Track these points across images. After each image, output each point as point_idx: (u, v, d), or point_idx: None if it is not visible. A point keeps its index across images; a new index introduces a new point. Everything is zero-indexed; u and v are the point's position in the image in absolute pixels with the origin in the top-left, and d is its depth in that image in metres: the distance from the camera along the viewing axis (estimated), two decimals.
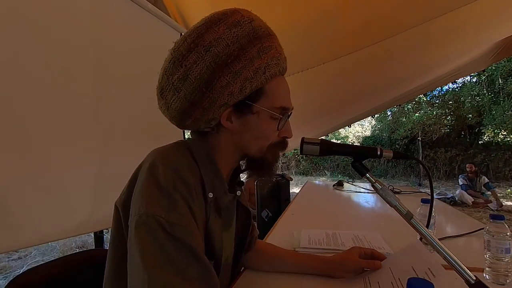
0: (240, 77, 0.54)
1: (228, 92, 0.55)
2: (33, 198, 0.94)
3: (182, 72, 0.54)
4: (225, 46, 0.53)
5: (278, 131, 0.63)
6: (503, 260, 0.74)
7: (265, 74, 0.57)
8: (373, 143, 12.91)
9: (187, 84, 0.55)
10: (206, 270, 0.51)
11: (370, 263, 0.75)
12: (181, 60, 0.54)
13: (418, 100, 11.84)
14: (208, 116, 0.58)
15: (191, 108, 0.57)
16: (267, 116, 0.60)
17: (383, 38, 1.92)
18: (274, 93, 0.60)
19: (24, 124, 0.92)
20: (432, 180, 0.68)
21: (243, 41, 0.54)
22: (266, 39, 0.57)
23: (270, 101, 0.59)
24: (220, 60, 0.53)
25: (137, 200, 0.52)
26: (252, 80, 0.55)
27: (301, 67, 2.08)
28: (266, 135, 0.62)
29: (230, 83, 0.54)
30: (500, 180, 9.50)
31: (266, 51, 0.56)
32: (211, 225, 0.59)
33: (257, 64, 0.55)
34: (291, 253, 0.86)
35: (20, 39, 0.91)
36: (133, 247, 0.49)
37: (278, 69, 0.59)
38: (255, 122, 0.60)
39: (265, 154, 0.63)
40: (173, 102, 0.57)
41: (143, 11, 1.40)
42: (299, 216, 1.62)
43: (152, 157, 0.56)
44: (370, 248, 0.80)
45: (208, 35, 0.53)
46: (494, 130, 10.63)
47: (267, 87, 0.59)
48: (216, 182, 0.60)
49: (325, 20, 1.67)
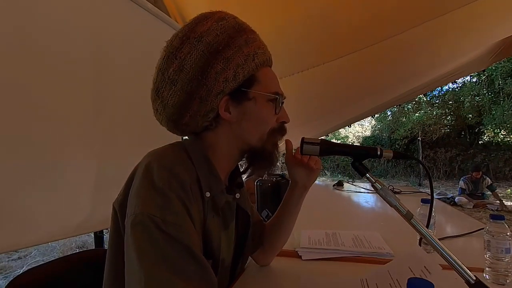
0: (232, 63, 0.57)
1: (223, 79, 0.57)
2: (33, 198, 0.94)
3: (177, 63, 0.57)
4: (215, 35, 0.57)
5: (276, 115, 0.64)
6: (503, 260, 0.74)
7: (255, 61, 0.60)
8: (373, 143, 12.91)
9: (183, 75, 0.56)
10: (203, 268, 0.51)
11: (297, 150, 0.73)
12: (175, 53, 0.57)
13: (418, 100, 11.85)
14: (206, 107, 0.58)
15: (188, 100, 0.58)
16: (263, 100, 0.62)
17: (383, 38, 1.92)
18: (265, 80, 0.63)
19: (24, 124, 0.92)
20: (432, 180, 0.69)
21: (230, 31, 0.58)
22: (250, 32, 0.62)
23: (263, 87, 0.62)
24: (212, 48, 0.56)
25: (133, 200, 0.53)
26: (243, 66, 0.58)
27: (301, 67, 2.08)
28: (265, 120, 0.63)
29: (224, 69, 0.57)
30: (500, 180, 9.50)
31: (252, 41, 0.60)
32: (209, 224, 0.59)
33: (246, 51, 0.59)
34: (276, 214, 0.85)
35: (20, 39, 0.90)
36: (129, 246, 0.50)
37: (265, 58, 0.63)
38: (253, 108, 0.61)
39: (265, 143, 0.63)
40: (170, 98, 0.58)
41: (143, 11, 1.40)
42: (299, 216, 1.61)
43: (147, 159, 0.57)
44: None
45: (198, 28, 0.57)
46: (494, 130, 10.64)
47: (258, 75, 0.61)
48: (213, 181, 0.60)
49: (325, 20, 1.67)
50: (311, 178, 0.78)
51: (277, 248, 0.87)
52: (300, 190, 0.79)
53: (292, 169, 0.77)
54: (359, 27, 1.77)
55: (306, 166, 0.75)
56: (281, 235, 0.84)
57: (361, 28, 1.78)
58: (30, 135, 0.94)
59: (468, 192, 5.84)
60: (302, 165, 0.75)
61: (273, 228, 0.84)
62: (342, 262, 0.92)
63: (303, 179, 0.77)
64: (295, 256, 0.96)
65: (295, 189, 0.79)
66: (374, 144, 12.46)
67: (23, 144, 0.92)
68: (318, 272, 0.86)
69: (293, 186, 0.79)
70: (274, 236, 0.84)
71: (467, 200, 5.63)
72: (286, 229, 0.83)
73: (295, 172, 0.77)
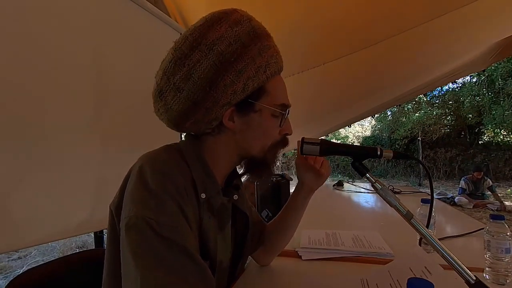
0: (243, 75, 0.55)
1: (232, 91, 0.55)
2: (33, 198, 0.94)
3: (185, 71, 0.54)
4: (227, 44, 0.53)
5: (280, 128, 0.63)
6: (503, 260, 0.74)
7: (266, 73, 0.57)
8: (373, 143, 12.91)
9: (190, 84, 0.54)
10: (200, 269, 0.51)
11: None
12: (183, 59, 0.54)
13: (418, 100, 11.84)
14: (210, 117, 0.58)
15: (193, 109, 0.56)
16: (269, 114, 0.61)
17: (383, 38, 1.92)
18: (275, 91, 0.61)
19: (24, 124, 0.92)
20: (432, 180, 0.69)
21: (245, 39, 0.55)
22: (265, 38, 0.58)
23: (271, 99, 0.60)
24: (224, 59, 0.53)
25: (127, 203, 0.52)
26: (254, 78, 0.56)
27: (301, 68, 2.08)
28: (269, 133, 0.62)
29: (234, 81, 0.54)
30: (500, 180, 9.50)
31: (265, 50, 0.57)
32: (205, 226, 0.58)
33: (259, 63, 0.56)
34: (280, 214, 0.85)
35: (19, 39, 0.90)
36: (125, 249, 0.49)
37: (277, 67, 0.61)
38: (258, 120, 0.60)
39: (266, 153, 0.63)
40: (174, 103, 0.57)
41: (143, 11, 1.40)
42: None
43: (141, 161, 0.56)
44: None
45: (211, 34, 0.54)
46: (494, 130, 10.64)
47: (267, 86, 0.59)
48: (208, 183, 0.59)
49: (325, 21, 1.67)
50: (319, 183, 0.77)
51: (279, 248, 0.87)
52: (306, 192, 0.78)
53: (301, 170, 0.77)
54: (359, 27, 1.77)
55: (316, 170, 0.75)
56: (284, 236, 0.84)
57: (361, 28, 1.78)
58: (30, 135, 0.94)
59: (468, 192, 5.83)
60: (312, 169, 0.75)
61: (276, 228, 0.83)
62: (342, 262, 0.92)
63: (311, 182, 0.77)
64: (295, 256, 0.96)
65: (301, 190, 0.79)
66: (374, 144, 12.46)
67: (23, 144, 0.92)
68: (318, 272, 0.86)
69: (299, 187, 0.79)
70: (277, 236, 0.83)
71: (467, 200, 5.63)
72: (289, 230, 0.83)
73: (304, 173, 0.77)
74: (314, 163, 0.74)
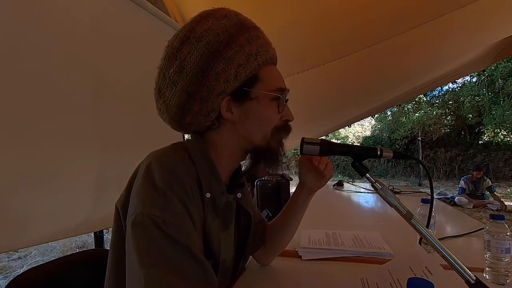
0: (233, 62, 0.56)
1: (224, 79, 0.56)
2: (33, 198, 0.94)
3: (178, 64, 0.56)
4: (215, 35, 0.56)
5: (280, 114, 0.63)
6: (503, 260, 0.74)
7: (257, 60, 0.59)
8: (373, 143, 12.91)
9: (183, 75, 0.56)
10: (203, 268, 0.51)
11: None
12: (175, 53, 0.56)
13: (418, 100, 11.85)
14: (208, 108, 0.58)
15: (189, 100, 0.57)
16: (266, 99, 0.61)
17: (383, 38, 1.92)
18: (269, 78, 0.62)
19: (24, 124, 0.92)
20: (432, 180, 0.68)
21: (232, 30, 0.57)
22: (253, 29, 0.60)
23: (266, 85, 0.61)
24: (212, 48, 0.55)
25: (134, 201, 0.53)
26: (245, 66, 0.57)
27: (301, 68, 2.08)
28: (269, 119, 0.62)
29: (225, 69, 0.56)
30: (500, 180, 9.50)
31: (254, 39, 0.59)
32: (209, 225, 0.59)
33: (248, 50, 0.57)
34: (281, 215, 0.85)
35: (19, 39, 0.90)
36: (130, 246, 0.50)
37: (269, 56, 0.62)
38: (256, 108, 0.61)
39: (270, 141, 0.63)
40: (172, 98, 0.58)
41: (143, 11, 1.40)
42: None
43: (148, 159, 0.57)
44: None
45: (198, 28, 0.56)
46: (494, 130, 10.64)
47: (260, 74, 0.60)
48: (214, 182, 0.60)
49: (325, 21, 1.67)
50: (320, 184, 0.77)
51: (279, 248, 0.87)
52: (307, 192, 0.79)
53: (303, 170, 0.77)
54: (359, 27, 1.77)
55: (318, 171, 0.75)
56: (285, 236, 0.84)
57: (361, 28, 1.78)
58: (30, 135, 0.94)
59: (468, 192, 5.83)
60: (315, 170, 0.75)
61: (277, 228, 0.84)
62: (342, 262, 0.92)
63: (312, 182, 0.77)
64: (295, 256, 0.96)
65: (301, 190, 0.79)
66: (374, 144, 12.46)
67: (23, 144, 0.92)
68: (318, 272, 0.86)
69: (300, 187, 0.79)
70: (277, 237, 0.84)
71: (467, 200, 5.63)
72: (290, 230, 0.83)
73: (305, 173, 0.77)
74: (318, 164, 0.74)
